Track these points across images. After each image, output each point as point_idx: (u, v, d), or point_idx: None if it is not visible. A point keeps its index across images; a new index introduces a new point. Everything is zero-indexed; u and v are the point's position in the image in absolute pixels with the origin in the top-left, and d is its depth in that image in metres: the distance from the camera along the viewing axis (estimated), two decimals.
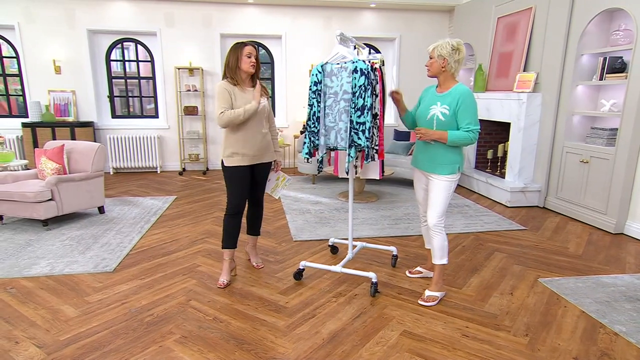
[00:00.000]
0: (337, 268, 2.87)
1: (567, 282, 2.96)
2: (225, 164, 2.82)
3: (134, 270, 3.11)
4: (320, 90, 2.73)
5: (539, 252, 3.55)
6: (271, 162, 3.01)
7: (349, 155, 2.67)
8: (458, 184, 6.14)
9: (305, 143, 2.84)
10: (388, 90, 2.76)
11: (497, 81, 5.71)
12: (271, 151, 2.96)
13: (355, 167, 2.88)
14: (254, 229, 3.17)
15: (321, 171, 2.88)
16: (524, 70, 5.21)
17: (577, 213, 4.48)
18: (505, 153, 5.59)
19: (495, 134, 6.08)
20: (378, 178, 2.98)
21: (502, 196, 5.10)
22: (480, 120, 5.93)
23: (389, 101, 7.36)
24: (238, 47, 2.73)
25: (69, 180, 4.08)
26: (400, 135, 6.34)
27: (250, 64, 2.73)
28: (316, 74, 2.72)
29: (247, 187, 2.87)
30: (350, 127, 2.64)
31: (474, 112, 2.46)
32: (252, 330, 2.35)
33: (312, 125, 2.80)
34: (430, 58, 2.57)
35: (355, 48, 2.99)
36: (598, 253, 3.56)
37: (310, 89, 2.76)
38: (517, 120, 5.06)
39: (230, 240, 2.90)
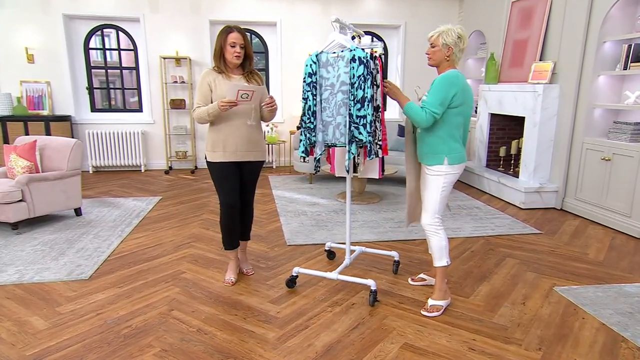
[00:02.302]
0: (334, 275, 2.86)
1: (586, 291, 2.95)
2: (208, 159, 2.81)
3: (112, 277, 3.10)
4: (315, 82, 2.71)
5: (555, 258, 3.54)
6: (261, 161, 2.97)
7: (349, 152, 2.65)
8: (466, 183, 6.12)
9: (301, 140, 2.82)
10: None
11: (511, 71, 5.69)
12: (260, 150, 2.93)
13: (358, 164, 2.87)
14: (244, 233, 3.15)
15: (318, 171, 2.87)
16: (540, 60, 5.19)
17: (598, 215, 4.46)
18: (519, 150, 5.57)
19: (508, 129, 6.06)
20: (378, 177, 2.97)
21: (516, 197, 5.08)
22: (492, 115, 5.92)
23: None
24: (223, 33, 2.72)
25: (42, 180, 4.06)
26: (405, 132, 6.32)
27: (234, 55, 2.71)
28: (310, 65, 2.70)
29: (237, 183, 2.86)
30: (350, 122, 2.62)
31: (438, 96, 2.48)
32: (239, 342, 2.33)
33: (308, 121, 2.77)
34: (433, 46, 2.57)
35: (354, 38, 2.96)
36: (621, 259, 3.54)
37: (304, 81, 2.74)
38: (532, 114, 5.04)
39: (231, 240, 2.95)
